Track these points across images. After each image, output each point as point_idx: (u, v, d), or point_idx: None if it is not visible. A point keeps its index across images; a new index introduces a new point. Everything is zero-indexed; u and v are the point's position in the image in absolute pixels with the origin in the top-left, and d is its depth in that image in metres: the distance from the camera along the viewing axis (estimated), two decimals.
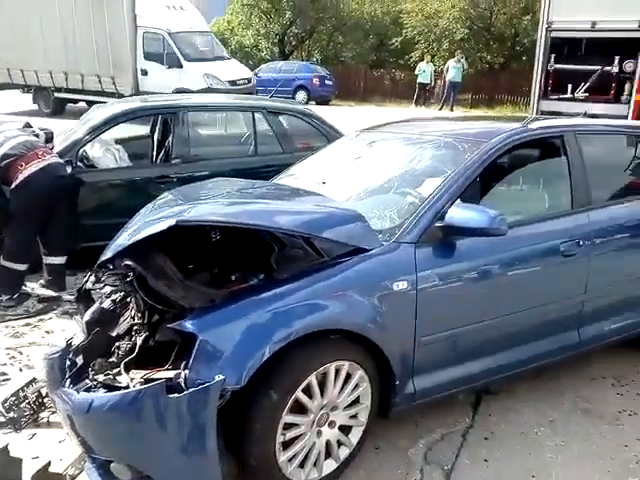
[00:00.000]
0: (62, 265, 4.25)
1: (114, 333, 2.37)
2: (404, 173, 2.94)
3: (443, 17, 21.30)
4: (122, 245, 2.27)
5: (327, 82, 21.71)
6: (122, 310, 2.51)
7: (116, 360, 2.19)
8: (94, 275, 2.63)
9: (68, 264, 4.30)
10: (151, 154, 5.17)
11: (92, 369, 2.16)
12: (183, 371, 1.99)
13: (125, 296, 2.53)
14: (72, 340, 2.36)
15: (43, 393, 2.72)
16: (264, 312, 2.08)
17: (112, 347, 2.26)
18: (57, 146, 4.52)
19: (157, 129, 5.36)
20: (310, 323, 2.14)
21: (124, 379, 2.07)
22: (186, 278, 2.31)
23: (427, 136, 3.19)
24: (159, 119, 5.31)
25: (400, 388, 2.44)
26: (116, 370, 2.13)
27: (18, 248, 4.05)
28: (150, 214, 2.57)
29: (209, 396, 1.93)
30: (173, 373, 2.01)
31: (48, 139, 4.51)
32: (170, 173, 4.84)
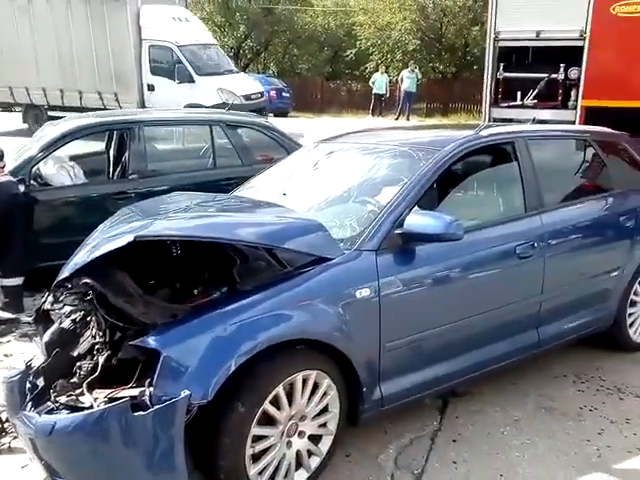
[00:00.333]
0: (19, 286, 4.13)
1: (75, 353, 2.32)
2: (362, 182, 2.99)
3: (395, 29, 21.73)
4: (79, 263, 2.22)
5: (284, 94, 21.81)
6: (82, 329, 2.45)
7: (78, 380, 2.14)
8: (52, 295, 2.57)
9: (26, 285, 4.18)
10: (108, 170, 5.10)
11: (54, 391, 2.11)
12: (148, 388, 1.96)
13: (85, 315, 2.47)
14: (32, 362, 2.29)
15: (3, 418, 2.63)
16: (228, 325, 2.07)
17: (74, 367, 2.21)
18: (9, 164, 4.40)
19: (113, 145, 5.29)
20: (275, 334, 2.14)
21: (87, 399, 2.03)
22: (147, 294, 2.28)
23: (383, 145, 3.25)
24: (115, 135, 5.25)
25: (367, 395, 2.46)
26: (79, 390, 2.09)
27: None
28: (108, 230, 2.53)
29: (175, 412, 1.91)
30: (138, 391, 1.98)
31: None
32: (127, 189, 4.77)
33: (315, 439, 2.40)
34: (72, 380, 2.15)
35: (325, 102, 22.90)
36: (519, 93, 6.82)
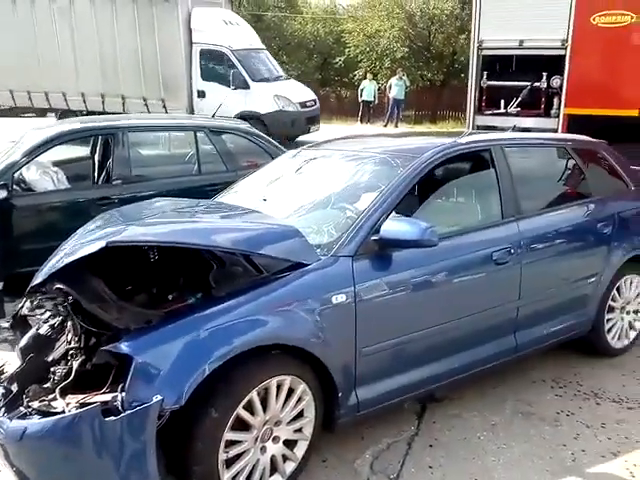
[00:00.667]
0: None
1: (50, 358, 2.31)
2: (342, 189, 3.01)
3: (384, 36, 21.86)
4: (53, 269, 2.22)
5: None
6: (58, 335, 2.45)
7: (51, 385, 2.13)
8: (29, 301, 2.56)
9: (9, 291, 4.14)
10: (92, 176, 5.09)
11: (26, 396, 2.09)
12: (120, 393, 1.96)
13: (63, 320, 2.47)
14: (3, 367, 2.28)
15: None
16: (201, 330, 2.07)
17: (48, 372, 2.20)
18: None
19: (97, 150, 5.29)
20: (249, 339, 2.15)
21: (59, 404, 2.02)
22: (121, 299, 2.28)
23: (364, 153, 3.28)
24: (99, 140, 5.24)
25: (343, 400, 2.47)
26: (51, 396, 2.08)
27: None
28: (85, 235, 2.53)
29: (147, 417, 1.90)
30: (110, 396, 1.98)
31: None
32: (111, 194, 4.77)
33: (290, 444, 2.41)
34: (45, 385, 2.14)
35: None
36: (502, 101, 6.89)
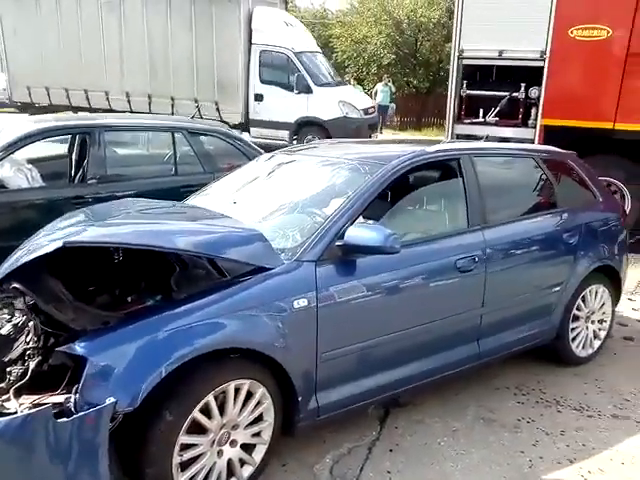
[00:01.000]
0: None
1: (7, 358, 2.29)
2: (310, 194, 3.03)
3: (371, 42, 21.98)
4: (10, 268, 2.21)
5: None
6: (18, 334, 2.43)
7: (6, 386, 2.11)
8: None
9: None
10: (67, 174, 5.05)
11: None
12: (74, 395, 1.95)
13: (25, 320, 2.45)
14: None
15: None
16: (159, 332, 2.07)
17: (4, 373, 2.18)
18: None
19: (74, 149, 5.25)
20: (207, 342, 2.16)
21: (13, 405, 2.00)
22: (77, 300, 2.28)
23: (334, 159, 3.30)
24: (76, 139, 5.20)
25: (303, 404, 2.48)
26: (5, 396, 2.06)
27: None
28: (48, 234, 2.52)
29: (99, 419, 1.90)
30: (63, 397, 1.97)
31: None
32: (85, 194, 4.73)
33: (248, 448, 2.41)
34: (0, 385, 2.13)
35: None
36: (482, 110, 6.97)
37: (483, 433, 3.01)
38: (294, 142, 11.07)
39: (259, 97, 11.57)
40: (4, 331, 2.45)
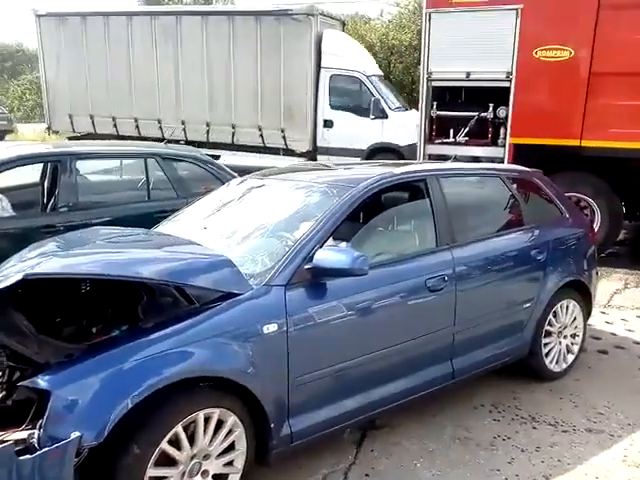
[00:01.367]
0: None
1: None
2: (280, 218, 3.04)
3: None
4: None
5: None
6: None
7: None
8: None
9: None
10: (39, 203, 5.00)
11: None
12: (37, 430, 1.91)
13: None
14: None
15: None
16: (124, 363, 2.04)
17: None
18: None
19: (46, 177, 5.21)
20: (175, 372, 2.13)
21: None
22: (41, 333, 2.24)
23: (304, 182, 3.32)
24: (48, 167, 5.16)
25: (276, 431, 2.45)
26: None
27: None
28: (10, 266, 2.48)
29: (64, 455, 1.86)
30: (27, 433, 1.93)
31: None
32: (57, 222, 4.68)
33: (221, 478, 2.37)
34: None
35: None
36: (452, 130, 7.09)
37: (459, 453, 3.00)
38: None
39: (329, 123, 10.87)
40: None
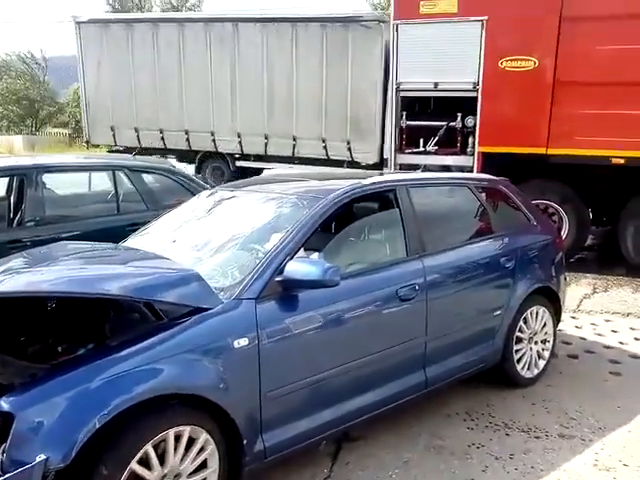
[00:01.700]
0: None
1: None
2: (250, 230, 3.02)
3: None
4: None
5: None
6: None
7: None
8: None
9: None
10: (7, 217, 4.88)
11: None
12: (1, 454, 1.85)
13: None
14: None
15: None
16: (91, 383, 1.99)
17: None
18: None
19: (11, 191, 5.10)
20: (143, 390, 2.08)
21: None
22: (3, 352, 2.17)
23: (274, 194, 3.31)
24: (14, 181, 5.06)
25: (249, 447, 2.42)
26: None
27: None
28: None
29: (29, 479, 1.80)
30: None
31: None
32: (22, 237, 4.58)
33: None
34: None
35: None
36: (422, 140, 7.17)
37: (434, 462, 3.00)
38: None
39: None
40: None
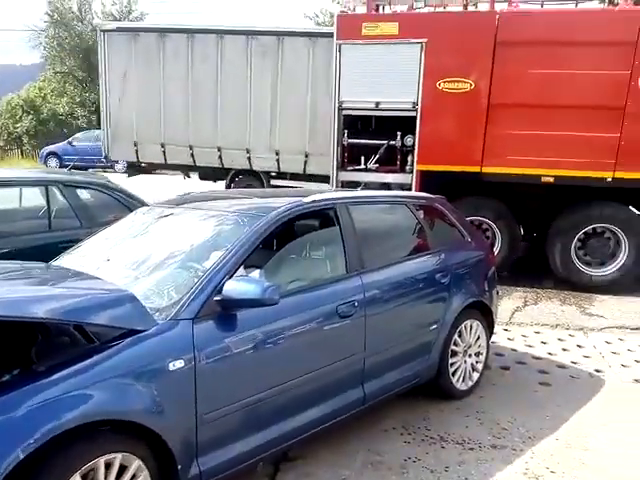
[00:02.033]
0: None
1: None
2: (188, 248, 2.98)
3: None
4: None
5: None
6: None
7: None
8: None
9: None
10: None
11: None
12: None
13: None
14: None
15: None
16: (14, 411, 1.90)
17: None
18: None
19: None
20: (72, 417, 2.01)
21: None
22: None
23: (214, 211, 3.29)
24: None
25: (184, 472, 2.37)
26: None
27: None
28: None
29: None
30: None
31: None
32: None
33: None
34: None
35: None
36: (363, 158, 7.30)
37: (372, 478, 3.03)
38: None
39: None
40: None
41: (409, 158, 7.11)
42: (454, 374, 3.91)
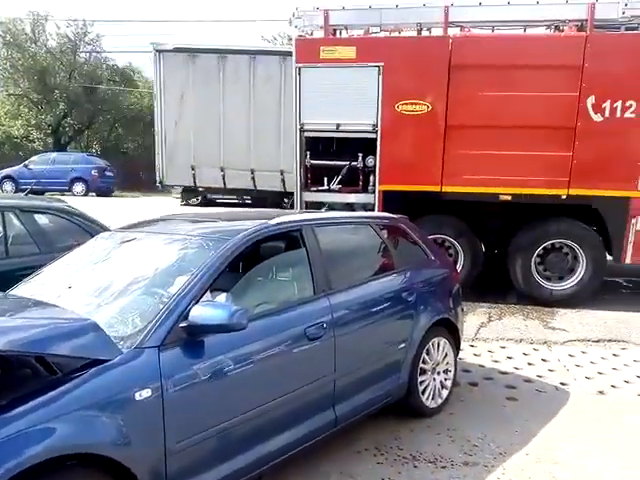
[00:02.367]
0: None
1: None
2: (153, 274, 2.92)
3: None
4: None
5: (107, 174, 21.25)
6: None
7: None
8: None
9: None
10: None
11: None
12: None
13: None
14: None
15: None
16: None
17: None
18: None
19: None
20: (37, 452, 1.92)
21: None
22: None
23: (178, 235, 3.24)
24: None
25: None
26: None
27: None
28: None
29: None
30: None
31: None
32: None
33: None
34: None
35: (152, 181, 22.64)
36: (326, 178, 7.35)
37: None
38: None
39: None
40: None
41: (371, 178, 7.19)
42: (424, 392, 3.93)
